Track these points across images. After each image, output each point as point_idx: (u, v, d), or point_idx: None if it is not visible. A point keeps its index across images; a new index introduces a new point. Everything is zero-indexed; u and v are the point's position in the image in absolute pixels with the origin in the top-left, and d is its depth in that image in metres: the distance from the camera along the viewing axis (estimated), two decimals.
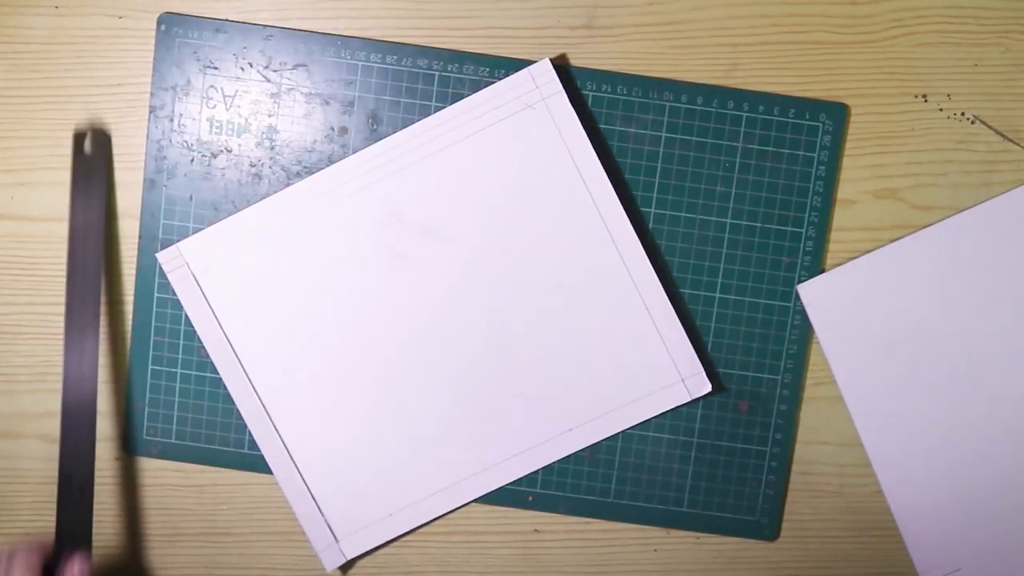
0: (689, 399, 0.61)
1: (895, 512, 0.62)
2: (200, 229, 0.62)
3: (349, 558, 0.63)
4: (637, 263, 0.61)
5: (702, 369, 0.61)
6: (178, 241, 0.62)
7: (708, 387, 0.61)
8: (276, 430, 0.62)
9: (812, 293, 0.62)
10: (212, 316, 0.62)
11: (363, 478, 0.63)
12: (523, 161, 0.61)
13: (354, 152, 0.61)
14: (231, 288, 0.62)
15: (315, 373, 0.62)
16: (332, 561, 0.63)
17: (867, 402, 0.62)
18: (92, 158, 0.61)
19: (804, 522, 0.64)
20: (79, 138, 0.61)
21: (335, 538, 0.63)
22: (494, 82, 0.61)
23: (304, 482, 0.63)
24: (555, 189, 0.61)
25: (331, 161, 0.62)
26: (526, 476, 0.63)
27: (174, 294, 0.62)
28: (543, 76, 0.60)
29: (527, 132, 0.60)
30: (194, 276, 0.62)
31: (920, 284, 0.61)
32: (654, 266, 0.61)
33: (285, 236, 0.62)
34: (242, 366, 0.62)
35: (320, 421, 0.62)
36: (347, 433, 0.62)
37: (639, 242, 0.61)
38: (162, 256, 0.62)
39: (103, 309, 0.63)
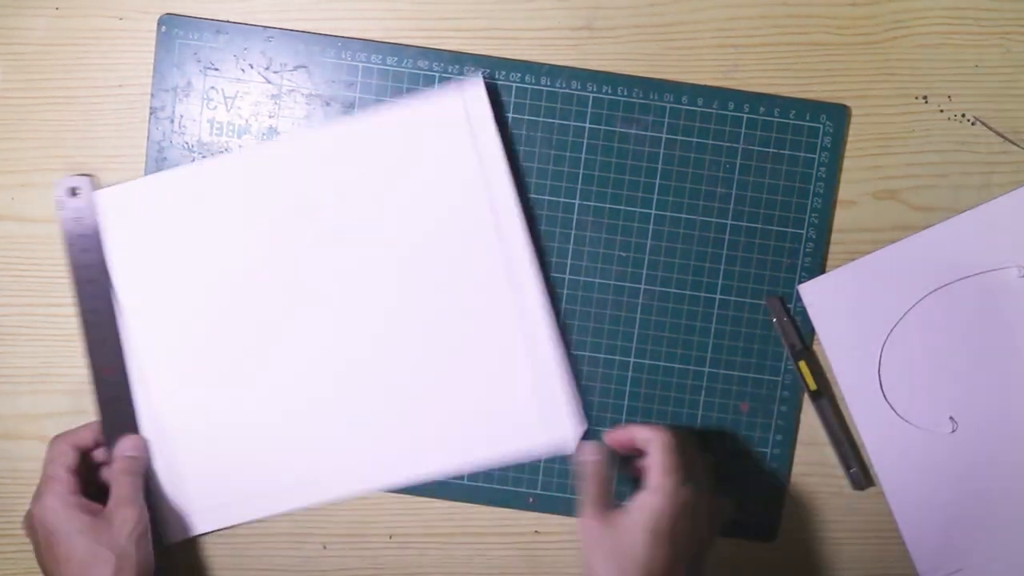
0: (552, 449, 0.62)
1: (896, 513, 0.62)
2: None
3: (192, 534, 0.62)
4: (532, 310, 0.61)
5: (572, 425, 0.61)
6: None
7: (572, 443, 0.61)
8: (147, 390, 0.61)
9: (813, 294, 0.62)
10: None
11: (224, 457, 0.62)
12: (437, 176, 0.61)
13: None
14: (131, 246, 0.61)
15: (191, 343, 0.61)
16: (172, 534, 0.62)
17: (867, 402, 0.62)
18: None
19: (804, 523, 0.64)
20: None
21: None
22: (495, 83, 0.61)
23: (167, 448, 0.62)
24: (464, 210, 0.61)
25: None
26: (526, 477, 0.63)
27: None
28: (474, 96, 0.60)
29: (447, 149, 0.60)
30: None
31: (918, 285, 0.61)
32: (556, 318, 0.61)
33: (192, 207, 0.61)
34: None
35: (189, 390, 0.62)
36: (218, 408, 0.62)
37: (541, 288, 0.61)
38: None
39: None
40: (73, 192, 0.60)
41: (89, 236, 0.60)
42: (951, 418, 0.62)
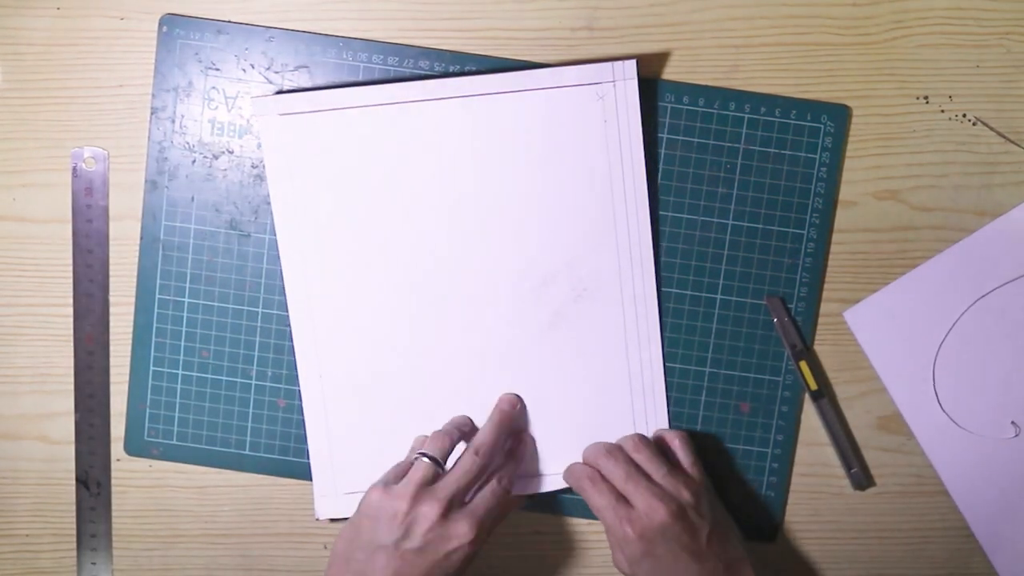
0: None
1: (971, 522, 0.62)
2: (201, 230, 0.62)
3: (340, 517, 0.62)
4: (647, 307, 0.62)
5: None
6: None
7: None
8: (316, 350, 0.62)
9: (859, 319, 0.61)
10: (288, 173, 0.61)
11: (377, 438, 0.62)
12: (576, 148, 0.61)
13: None
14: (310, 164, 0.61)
15: (361, 291, 0.62)
16: (325, 511, 0.62)
17: (926, 416, 0.62)
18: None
19: (805, 523, 0.64)
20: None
21: (335, 490, 0.62)
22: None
23: (326, 419, 0.62)
24: (599, 187, 0.61)
25: None
26: None
27: (175, 295, 0.62)
28: (624, 75, 0.60)
29: (591, 125, 0.60)
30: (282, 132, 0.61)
31: (962, 295, 0.61)
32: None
33: (360, 138, 0.61)
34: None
35: (356, 355, 0.62)
36: (377, 375, 0.62)
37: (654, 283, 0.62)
38: (257, 102, 0.60)
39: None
40: (88, 162, 0.61)
41: (95, 207, 0.61)
42: (1013, 423, 0.62)
